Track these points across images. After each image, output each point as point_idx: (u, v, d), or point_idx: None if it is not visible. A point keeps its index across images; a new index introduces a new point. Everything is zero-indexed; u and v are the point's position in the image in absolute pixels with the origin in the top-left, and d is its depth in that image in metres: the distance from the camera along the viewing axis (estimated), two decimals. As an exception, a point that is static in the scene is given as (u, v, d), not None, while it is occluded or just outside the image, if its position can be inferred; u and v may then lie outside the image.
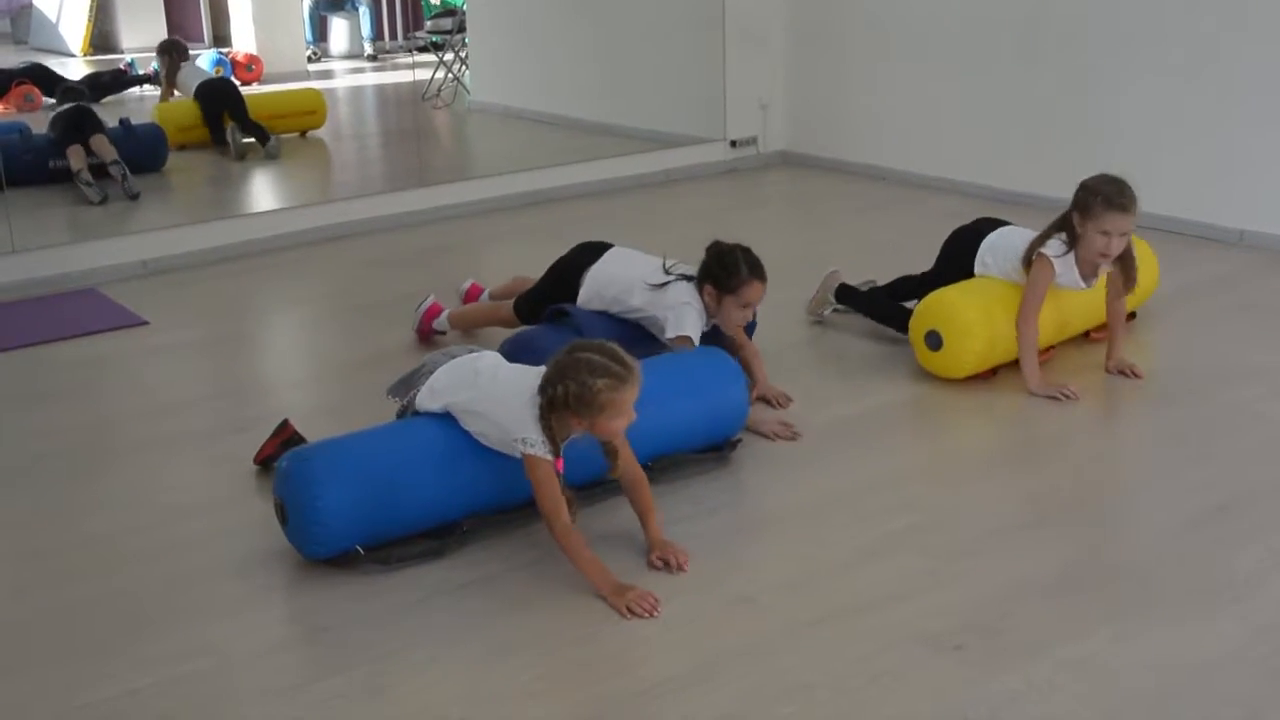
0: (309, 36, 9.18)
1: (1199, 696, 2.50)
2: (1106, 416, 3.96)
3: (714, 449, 3.58)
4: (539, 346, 3.64)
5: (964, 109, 6.71)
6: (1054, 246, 3.99)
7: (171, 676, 2.64)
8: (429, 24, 9.36)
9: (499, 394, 3.03)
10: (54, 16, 8.31)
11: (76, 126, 6.60)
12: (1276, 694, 2.51)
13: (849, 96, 7.30)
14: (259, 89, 8.04)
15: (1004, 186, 6.45)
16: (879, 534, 3.18)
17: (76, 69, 7.83)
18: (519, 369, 3.15)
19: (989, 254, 4.24)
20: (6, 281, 5.35)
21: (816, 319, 4.72)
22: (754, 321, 4.12)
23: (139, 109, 7.64)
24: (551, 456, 2.94)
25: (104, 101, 7.54)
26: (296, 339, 5.13)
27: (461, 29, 8.97)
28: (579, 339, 3.14)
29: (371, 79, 9.59)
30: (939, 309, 4.05)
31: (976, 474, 3.59)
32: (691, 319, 3.86)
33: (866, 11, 7.11)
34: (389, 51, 9.71)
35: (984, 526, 3.21)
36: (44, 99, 7.17)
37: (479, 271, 5.88)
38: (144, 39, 8.17)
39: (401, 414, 3.28)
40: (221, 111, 7.45)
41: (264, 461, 3.55)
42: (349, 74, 9.51)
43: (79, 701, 2.56)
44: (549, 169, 7.07)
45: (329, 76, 9.33)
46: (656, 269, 4.00)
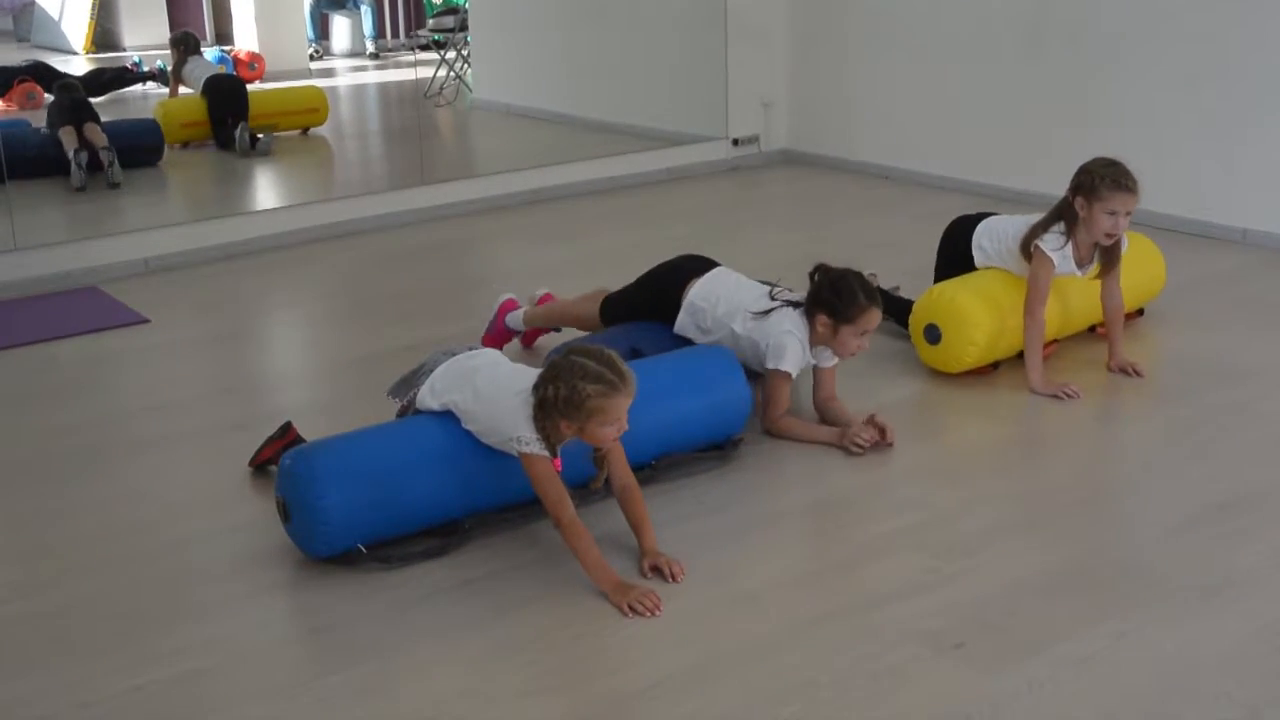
0: (311, 34, 9.18)
1: (1199, 695, 2.50)
2: (1108, 414, 3.96)
3: (716, 447, 3.59)
4: None
5: (966, 107, 6.71)
6: (1052, 240, 3.99)
7: (174, 674, 2.65)
8: (431, 22, 9.36)
9: (493, 393, 3.03)
10: (56, 14, 8.31)
11: (70, 111, 6.64)
12: (1277, 692, 2.51)
13: (851, 95, 7.30)
14: (261, 86, 8.03)
15: (1007, 185, 6.44)
16: (880, 532, 3.18)
17: (79, 67, 7.83)
18: (516, 368, 3.15)
19: (985, 238, 4.25)
20: (8, 279, 5.34)
21: None
22: None
23: (142, 106, 7.65)
24: (549, 455, 2.94)
25: (106, 98, 7.55)
26: (298, 337, 5.13)
27: (463, 27, 8.98)
28: (576, 343, 3.10)
29: (373, 77, 9.59)
30: (938, 303, 4.05)
31: (978, 472, 3.59)
32: (792, 351, 3.62)
33: (869, 10, 7.11)
34: (391, 49, 9.70)
35: (985, 525, 3.21)
36: (46, 96, 7.17)
37: (480, 270, 5.90)
38: (146, 37, 8.17)
39: (402, 414, 3.28)
40: (227, 110, 7.45)
41: (261, 465, 3.54)
42: (351, 72, 9.50)
43: (81, 699, 2.57)
44: (551, 167, 7.07)
45: (331, 74, 9.33)
46: (762, 296, 3.77)
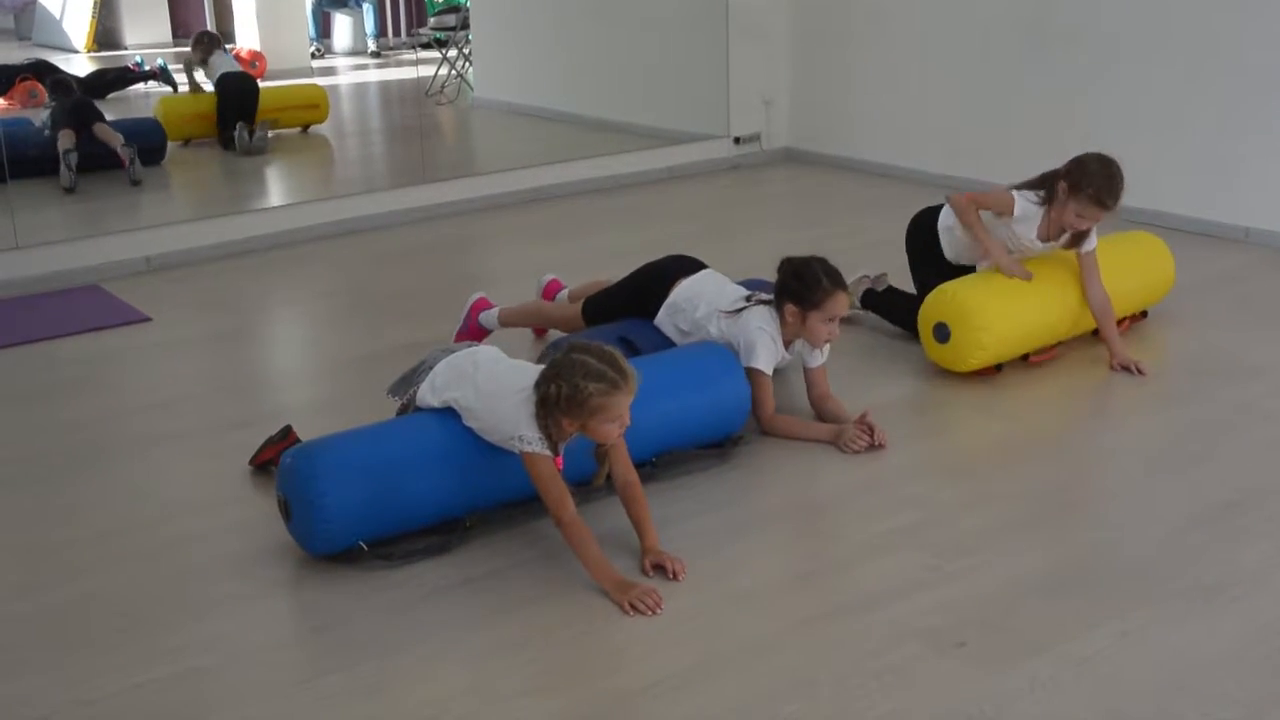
0: (312, 33, 9.18)
1: (1201, 694, 2.50)
2: (1110, 413, 3.95)
3: (716, 445, 3.58)
4: None
5: (967, 106, 6.71)
6: (1029, 195, 4.12)
7: (175, 672, 2.65)
8: (432, 20, 9.36)
9: (494, 391, 3.02)
10: (58, 13, 8.31)
11: (73, 113, 6.64)
12: (1278, 692, 2.51)
13: (853, 93, 7.30)
14: (261, 84, 8.03)
15: (1008, 183, 6.42)
16: (882, 531, 3.18)
17: (80, 66, 7.83)
18: (516, 365, 3.14)
19: (951, 228, 4.31)
20: (10, 277, 5.34)
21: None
22: None
23: (144, 106, 7.65)
24: (550, 453, 2.94)
25: (108, 98, 7.55)
26: (299, 335, 5.13)
27: (465, 25, 8.98)
28: (577, 340, 3.08)
29: (375, 75, 9.59)
30: (947, 302, 4.04)
31: (979, 471, 3.59)
32: (764, 348, 3.64)
33: (870, 8, 7.11)
34: (392, 48, 9.70)
35: (987, 523, 3.21)
36: (48, 95, 7.17)
37: (481, 268, 5.90)
38: (147, 36, 8.17)
39: (402, 412, 3.27)
40: (237, 108, 7.44)
41: (261, 465, 3.53)
42: (352, 70, 9.50)
43: (82, 697, 2.57)
44: (552, 165, 7.07)
45: (332, 73, 9.33)
46: (737, 298, 3.79)
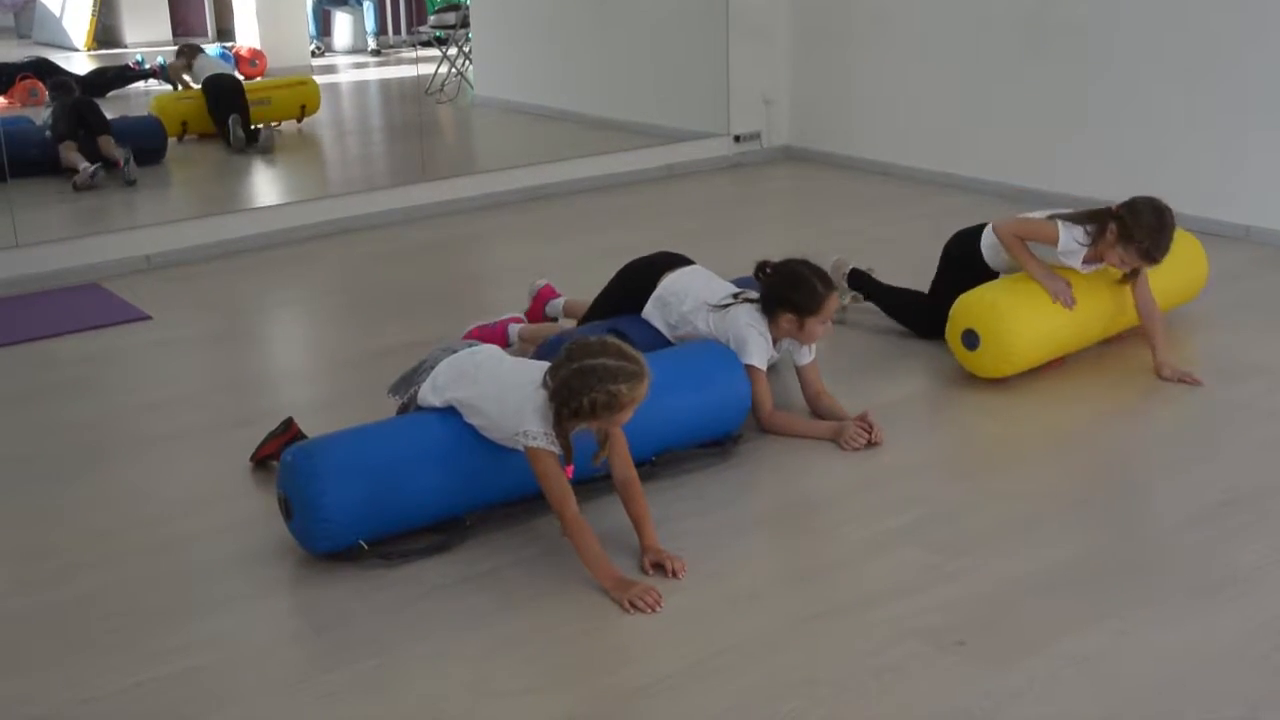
0: (313, 31, 9.19)
1: (1201, 692, 2.50)
2: (1111, 412, 3.95)
3: (716, 443, 3.59)
4: None
5: (967, 105, 6.70)
6: (1076, 231, 3.98)
7: (175, 671, 2.65)
8: (432, 19, 9.36)
9: (499, 388, 3.03)
10: (58, 11, 8.31)
11: (80, 121, 6.62)
12: (1278, 690, 2.51)
13: (853, 92, 7.29)
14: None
15: (1009, 182, 6.44)
16: (882, 529, 3.18)
17: (80, 64, 7.83)
18: (519, 362, 3.15)
19: (994, 246, 4.20)
20: (9, 276, 5.34)
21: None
22: None
23: (144, 104, 7.65)
24: (555, 449, 2.93)
25: (108, 96, 7.55)
26: (299, 334, 5.13)
27: (465, 23, 8.98)
28: (574, 341, 3.03)
29: (375, 74, 9.60)
30: (977, 308, 3.95)
31: (980, 470, 3.59)
32: (755, 344, 3.69)
33: (871, 6, 7.10)
34: (392, 46, 9.71)
35: (987, 522, 3.21)
36: (48, 94, 7.17)
37: (481, 267, 5.90)
38: (147, 34, 8.18)
39: (403, 411, 3.28)
40: (226, 106, 7.45)
41: (262, 460, 3.54)
42: (352, 68, 9.51)
43: (83, 696, 2.57)
44: (552, 164, 7.06)
45: (332, 71, 9.33)
46: (725, 294, 3.83)
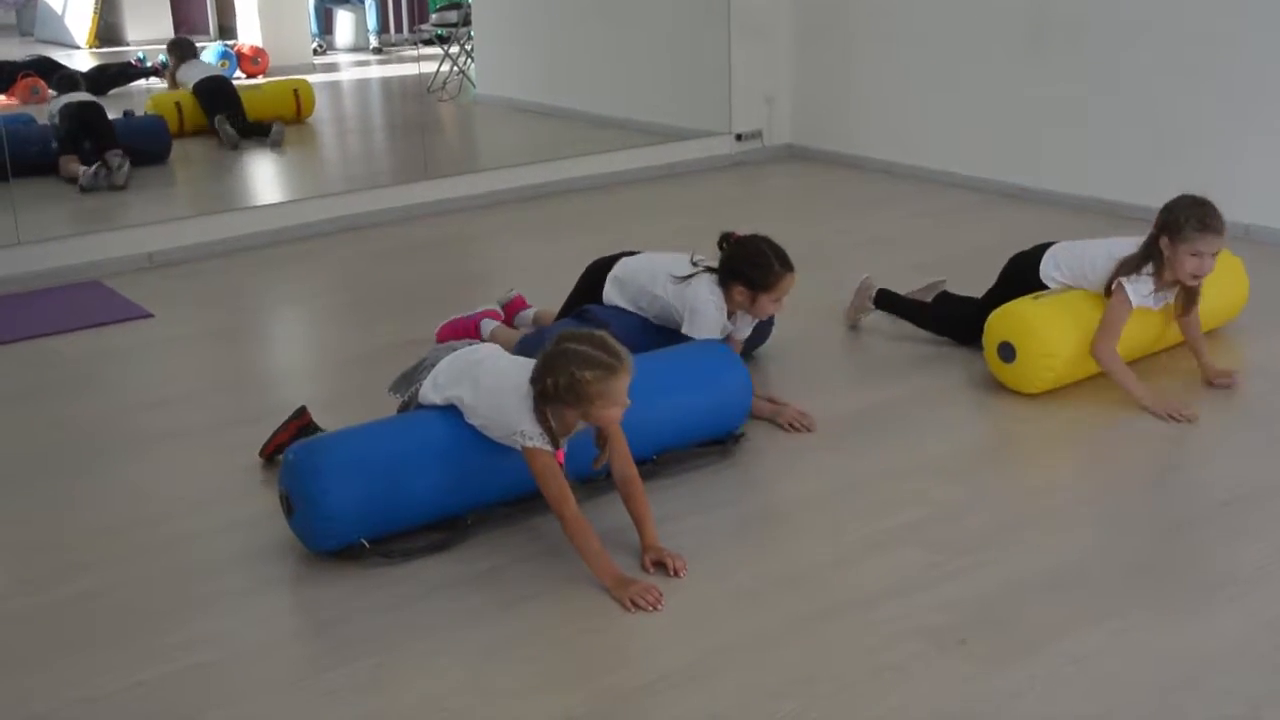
0: (314, 29, 9.20)
1: (1202, 692, 2.50)
2: (1111, 412, 3.95)
3: (716, 442, 3.59)
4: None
5: (970, 103, 6.70)
6: (1141, 284, 3.89)
7: (176, 669, 2.65)
8: (434, 17, 9.37)
9: (494, 388, 3.03)
10: (59, 9, 8.32)
11: (86, 126, 6.59)
12: (1278, 689, 2.51)
13: (855, 90, 7.29)
14: (251, 82, 8.05)
15: (1010, 181, 6.45)
16: (883, 528, 3.18)
17: (82, 62, 7.84)
18: (516, 361, 3.14)
19: (1054, 268, 4.10)
20: (11, 274, 5.35)
21: (853, 325, 4.59)
22: (772, 319, 4.11)
23: (142, 101, 7.67)
24: (551, 448, 2.94)
25: (110, 93, 7.56)
26: (301, 332, 5.13)
27: (467, 22, 8.98)
28: (566, 329, 3.08)
29: (376, 72, 9.61)
30: (1014, 321, 3.91)
31: (981, 469, 3.58)
32: (710, 319, 3.79)
33: (872, 5, 7.10)
34: (394, 44, 9.72)
35: (988, 521, 3.21)
36: (50, 92, 7.19)
37: (483, 265, 5.90)
38: (149, 32, 8.19)
39: (404, 409, 3.28)
40: (218, 108, 7.45)
41: (274, 452, 3.51)
42: (354, 67, 9.52)
43: (84, 694, 2.57)
44: (553, 162, 7.07)
45: (334, 69, 9.34)
46: (683, 262, 3.95)
